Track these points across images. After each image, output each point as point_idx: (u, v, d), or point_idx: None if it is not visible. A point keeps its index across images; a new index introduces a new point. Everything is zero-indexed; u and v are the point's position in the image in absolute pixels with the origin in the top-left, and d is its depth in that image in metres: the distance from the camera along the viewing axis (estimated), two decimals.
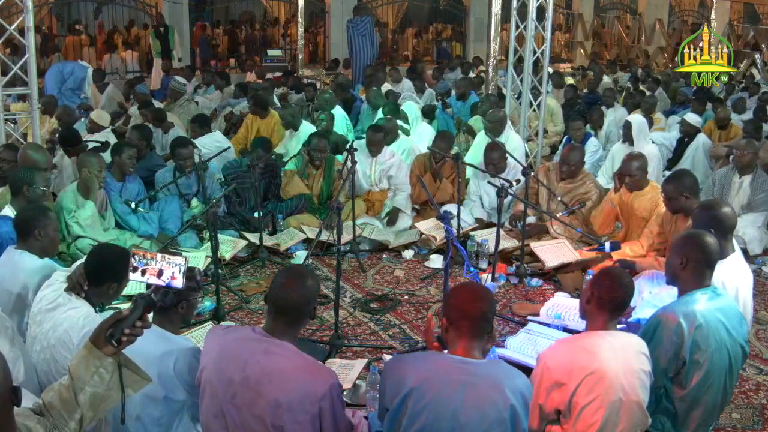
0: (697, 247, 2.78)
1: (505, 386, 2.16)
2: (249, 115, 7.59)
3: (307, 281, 2.39)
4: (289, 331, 2.34)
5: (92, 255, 2.88)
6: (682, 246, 2.82)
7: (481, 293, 2.34)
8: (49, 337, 2.65)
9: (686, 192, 3.99)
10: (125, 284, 2.89)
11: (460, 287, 2.44)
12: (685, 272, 2.78)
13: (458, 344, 2.26)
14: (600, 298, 2.54)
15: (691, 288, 2.77)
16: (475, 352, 2.24)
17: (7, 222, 3.72)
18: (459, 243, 4.11)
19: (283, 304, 2.33)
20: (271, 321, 2.36)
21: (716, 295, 2.77)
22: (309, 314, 2.42)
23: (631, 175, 4.60)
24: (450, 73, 12.82)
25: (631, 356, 2.47)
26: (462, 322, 2.26)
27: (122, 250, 3.01)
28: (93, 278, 2.80)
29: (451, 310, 2.31)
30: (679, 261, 2.78)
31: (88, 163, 4.60)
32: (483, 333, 2.28)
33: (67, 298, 2.75)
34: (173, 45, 13.63)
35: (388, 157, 5.83)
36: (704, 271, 2.78)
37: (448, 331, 2.30)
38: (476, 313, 2.25)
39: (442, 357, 2.28)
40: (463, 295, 2.33)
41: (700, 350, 2.65)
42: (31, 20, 5.44)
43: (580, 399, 2.40)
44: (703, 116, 8.32)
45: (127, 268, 2.83)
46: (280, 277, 2.42)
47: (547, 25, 6.93)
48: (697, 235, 2.86)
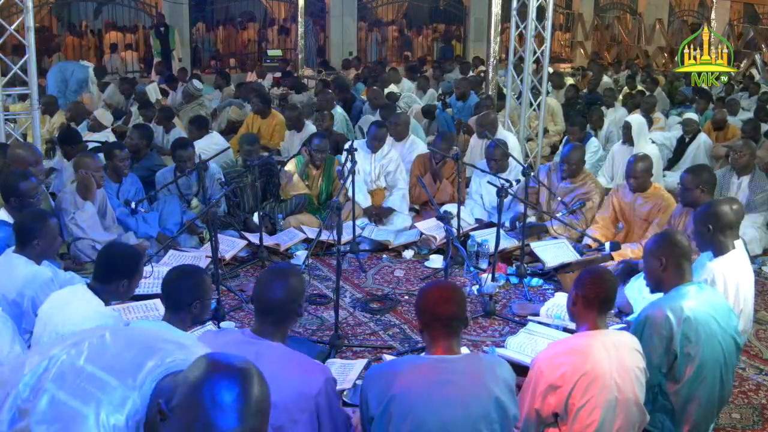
0: (671, 244, 2.81)
1: (486, 378, 2.18)
2: (250, 114, 7.60)
3: (290, 280, 2.37)
4: (276, 330, 2.33)
5: (103, 252, 2.94)
6: (656, 249, 2.83)
7: (449, 293, 2.34)
8: (58, 330, 2.66)
9: (703, 185, 4.02)
10: (136, 282, 2.91)
11: (428, 289, 2.42)
12: (667, 273, 2.79)
13: (435, 344, 2.27)
14: (585, 297, 2.55)
15: (675, 286, 2.78)
16: (453, 349, 2.26)
17: (3, 227, 3.71)
18: (459, 243, 4.11)
19: (266, 303, 2.33)
20: (258, 322, 2.35)
21: (702, 289, 2.79)
22: (295, 312, 2.39)
23: (636, 176, 4.61)
24: (450, 73, 12.84)
25: (625, 354, 2.47)
26: (434, 324, 2.27)
27: (133, 248, 3.03)
28: (104, 275, 2.82)
29: (422, 313, 2.32)
30: (659, 263, 2.80)
31: (84, 164, 4.58)
32: (458, 330, 2.29)
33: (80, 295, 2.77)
34: (173, 45, 13.63)
35: (387, 153, 5.85)
36: (684, 266, 2.80)
37: (423, 333, 2.32)
38: (446, 314, 2.26)
39: (420, 359, 2.31)
40: (431, 297, 2.33)
41: (690, 343, 2.65)
42: (31, 20, 5.43)
43: (575, 401, 2.40)
44: (703, 116, 8.34)
45: (139, 265, 2.88)
46: (263, 277, 2.42)
47: (547, 25, 6.93)
48: (668, 234, 2.97)
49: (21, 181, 3.90)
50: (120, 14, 16.44)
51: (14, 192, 3.87)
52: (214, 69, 13.73)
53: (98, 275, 2.84)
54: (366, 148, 5.77)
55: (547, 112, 8.01)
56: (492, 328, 4.03)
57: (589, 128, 7.50)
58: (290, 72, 12.52)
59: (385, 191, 5.84)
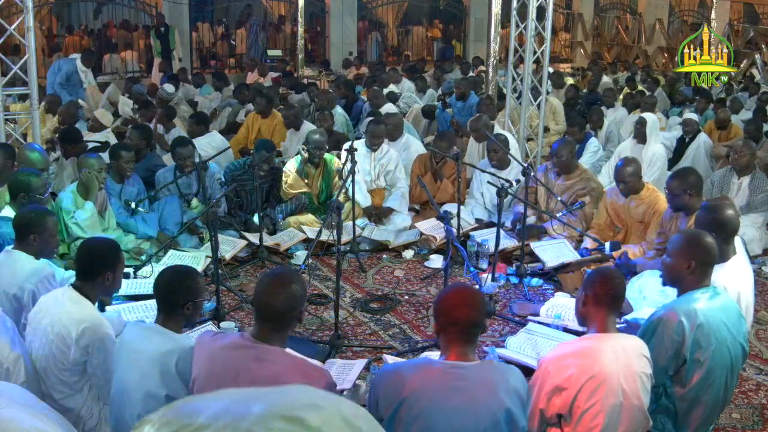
0: (703, 249, 2.78)
1: (499, 389, 2.14)
2: (251, 114, 7.61)
3: (292, 286, 2.32)
4: (276, 336, 2.30)
5: (81, 250, 2.91)
6: (687, 249, 2.79)
7: (468, 298, 2.28)
8: (48, 332, 2.66)
9: (690, 190, 3.99)
10: (120, 273, 2.88)
11: (449, 292, 2.39)
12: (692, 276, 2.77)
13: (450, 349, 2.24)
14: (596, 296, 2.53)
15: (693, 288, 2.77)
16: (467, 355, 2.22)
17: (8, 223, 3.72)
18: (459, 243, 4.11)
19: (266, 310, 2.29)
20: (258, 326, 2.32)
21: (716, 294, 2.77)
22: (296, 319, 2.35)
23: (625, 181, 4.58)
24: (450, 73, 12.83)
25: (632, 359, 2.46)
26: (451, 328, 2.23)
27: (109, 240, 3.01)
28: (87, 272, 2.80)
29: (439, 316, 2.28)
30: (686, 265, 2.76)
31: (88, 163, 4.60)
32: (474, 337, 2.24)
33: (67, 295, 2.76)
34: (173, 45, 13.62)
35: (386, 151, 5.85)
36: (708, 272, 2.80)
37: (439, 336, 2.29)
38: (464, 318, 2.21)
39: (433, 363, 2.27)
40: (450, 301, 2.28)
41: (701, 349, 2.65)
42: (31, 20, 5.43)
43: (580, 404, 2.39)
44: (702, 116, 8.33)
45: (119, 255, 2.87)
46: (263, 282, 2.36)
47: (547, 25, 6.93)
48: (701, 237, 2.86)
49: (32, 177, 3.97)
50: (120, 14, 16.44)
51: (25, 188, 3.92)
52: (213, 69, 13.70)
53: (80, 274, 2.82)
54: (365, 147, 5.77)
55: (549, 111, 8.02)
56: (492, 328, 4.02)
57: (589, 128, 7.50)
58: (290, 72, 12.52)
59: (384, 191, 5.84)
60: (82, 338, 2.62)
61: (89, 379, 2.70)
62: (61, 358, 2.63)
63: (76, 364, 2.64)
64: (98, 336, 2.65)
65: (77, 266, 2.85)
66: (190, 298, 2.59)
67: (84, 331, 2.63)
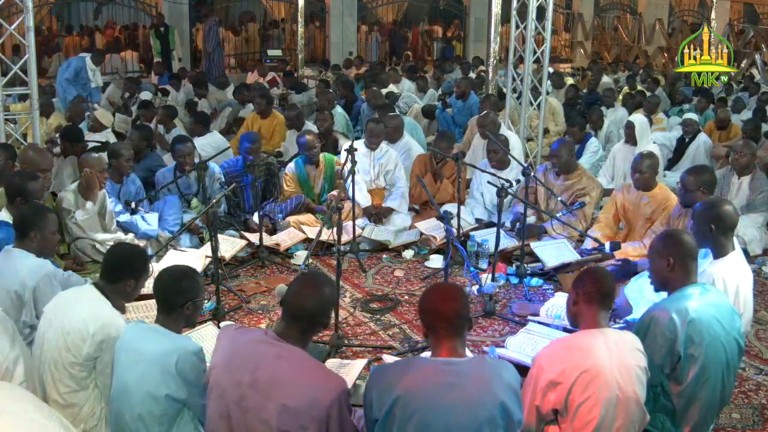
0: (678, 243, 2.80)
1: (493, 383, 2.16)
2: (250, 114, 7.62)
3: (324, 290, 2.38)
4: (301, 337, 2.35)
5: (110, 252, 2.96)
6: (662, 248, 2.83)
7: (450, 292, 2.35)
8: (65, 325, 2.66)
9: (704, 187, 4.03)
10: (143, 282, 2.91)
11: (431, 290, 2.43)
12: (673, 273, 2.79)
13: (440, 346, 2.26)
14: (586, 293, 2.55)
15: (680, 286, 2.78)
16: (458, 350, 2.25)
17: (3, 228, 3.71)
18: (459, 243, 4.11)
19: (297, 311, 2.33)
20: (285, 326, 2.35)
21: (706, 291, 2.78)
22: (322, 324, 2.41)
23: (642, 171, 4.61)
24: (450, 73, 12.84)
25: (626, 353, 2.48)
26: (438, 324, 2.26)
27: (139, 249, 3.04)
28: (111, 275, 2.83)
29: (425, 315, 2.32)
30: (665, 263, 2.79)
31: (90, 162, 4.59)
32: (462, 330, 2.28)
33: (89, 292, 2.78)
34: (173, 45, 13.63)
35: (386, 151, 5.85)
36: (691, 266, 2.80)
37: (428, 336, 2.31)
38: (450, 313, 2.25)
39: (426, 361, 2.28)
40: (434, 298, 2.34)
41: (694, 344, 2.65)
42: (31, 20, 5.44)
43: (575, 397, 2.41)
44: (703, 116, 8.34)
45: (146, 265, 2.89)
46: (297, 284, 2.41)
47: (547, 25, 6.94)
48: (675, 233, 2.97)
49: (30, 181, 3.94)
50: (120, 14, 16.45)
51: (22, 191, 3.89)
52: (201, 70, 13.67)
53: (105, 275, 2.85)
54: (365, 147, 5.77)
55: (548, 111, 8.01)
56: (492, 328, 4.03)
57: (589, 128, 7.51)
58: (290, 72, 12.53)
59: (384, 191, 5.84)
60: (98, 334, 2.63)
61: (96, 377, 2.71)
62: (75, 351, 2.63)
63: (88, 359, 2.64)
64: (114, 335, 2.65)
65: (103, 266, 2.89)
66: (189, 298, 2.61)
67: (102, 327, 2.64)
